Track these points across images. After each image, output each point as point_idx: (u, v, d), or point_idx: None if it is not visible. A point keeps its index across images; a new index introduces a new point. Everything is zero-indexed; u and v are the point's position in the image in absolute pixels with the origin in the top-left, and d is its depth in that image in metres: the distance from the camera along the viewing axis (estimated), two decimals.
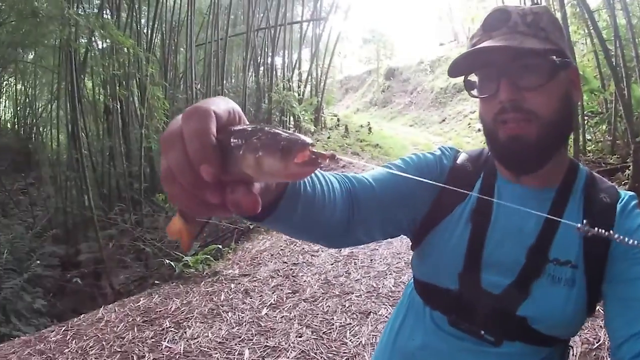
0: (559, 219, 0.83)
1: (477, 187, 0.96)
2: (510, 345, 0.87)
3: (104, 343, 3.21)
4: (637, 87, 4.99)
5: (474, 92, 0.92)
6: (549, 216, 0.84)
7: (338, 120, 12.60)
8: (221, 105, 0.44)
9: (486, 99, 0.88)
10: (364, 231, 0.90)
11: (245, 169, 0.41)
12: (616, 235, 0.61)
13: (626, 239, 0.61)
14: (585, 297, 0.85)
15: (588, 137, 6.42)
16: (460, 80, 0.93)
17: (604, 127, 6.33)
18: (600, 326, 2.77)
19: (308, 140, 0.40)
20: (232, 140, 0.42)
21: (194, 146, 0.40)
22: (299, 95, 11.13)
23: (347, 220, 0.84)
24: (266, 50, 10.57)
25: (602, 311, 0.86)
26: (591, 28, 5.41)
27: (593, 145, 6.54)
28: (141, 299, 3.94)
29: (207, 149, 0.40)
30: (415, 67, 21.42)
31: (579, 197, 0.90)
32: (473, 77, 0.93)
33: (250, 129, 0.42)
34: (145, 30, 8.96)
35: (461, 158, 1.01)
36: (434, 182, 0.53)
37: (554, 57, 0.82)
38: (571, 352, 0.98)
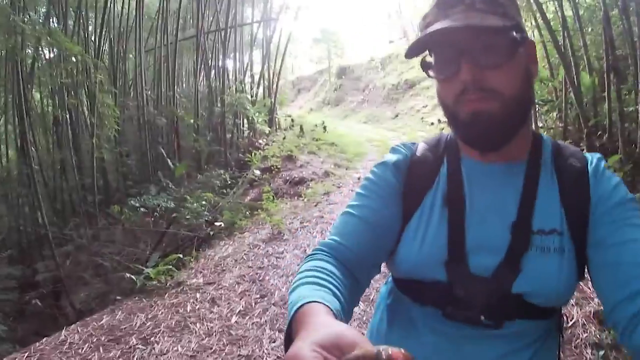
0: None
1: (442, 172, 0.94)
2: (511, 324, 0.86)
3: None
4: (585, 74, 5.17)
5: (432, 72, 0.89)
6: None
7: (292, 120, 12.57)
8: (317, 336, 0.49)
9: (445, 80, 0.86)
10: (367, 279, 0.92)
11: None
12: None
13: None
14: (575, 261, 0.84)
15: (540, 124, 6.61)
16: (411, 76, 0.92)
17: (555, 114, 6.52)
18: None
19: None
20: None
21: None
22: (251, 97, 11.08)
23: (356, 291, 0.87)
24: (217, 53, 10.44)
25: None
26: (539, 19, 5.55)
27: (545, 132, 6.73)
28: (104, 316, 3.77)
29: None
30: (367, 65, 21.85)
31: (550, 167, 0.90)
32: (429, 58, 0.90)
33: None
34: (92, 38, 8.73)
35: (420, 149, 0.99)
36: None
37: (514, 32, 0.81)
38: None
